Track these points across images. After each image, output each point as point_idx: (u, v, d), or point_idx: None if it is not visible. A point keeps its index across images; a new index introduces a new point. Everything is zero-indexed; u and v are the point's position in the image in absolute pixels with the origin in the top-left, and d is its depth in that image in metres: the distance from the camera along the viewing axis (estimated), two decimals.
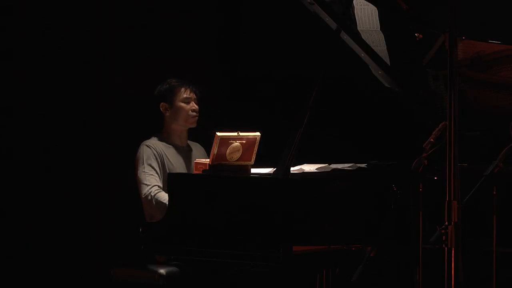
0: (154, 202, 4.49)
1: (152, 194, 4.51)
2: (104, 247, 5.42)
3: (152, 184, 4.55)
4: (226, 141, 3.89)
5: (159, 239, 3.92)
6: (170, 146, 4.75)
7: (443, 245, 2.78)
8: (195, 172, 4.08)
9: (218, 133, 3.88)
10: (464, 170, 3.00)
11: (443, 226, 2.77)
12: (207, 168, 3.93)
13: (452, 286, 2.76)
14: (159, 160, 4.65)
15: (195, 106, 4.75)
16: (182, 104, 4.74)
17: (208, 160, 3.95)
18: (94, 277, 5.35)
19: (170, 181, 4.02)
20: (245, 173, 3.95)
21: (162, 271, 4.47)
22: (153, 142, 4.72)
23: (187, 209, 3.86)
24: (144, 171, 4.60)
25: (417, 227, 3.65)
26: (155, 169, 4.62)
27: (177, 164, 4.71)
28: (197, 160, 4.14)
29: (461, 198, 2.77)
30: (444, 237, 2.77)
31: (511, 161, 3.53)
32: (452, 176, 2.75)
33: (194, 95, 4.77)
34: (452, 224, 2.76)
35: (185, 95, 4.75)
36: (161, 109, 4.76)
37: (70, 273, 5.42)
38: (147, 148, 4.67)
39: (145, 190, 4.55)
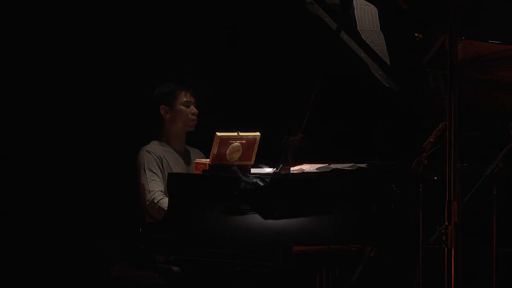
0: (156, 208, 4.50)
1: (155, 201, 4.53)
2: (104, 247, 5.42)
3: (155, 190, 4.57)
4: (226, 141, 3.89)
5: (159, 239, 3.91)
6: (169, 150, 4.77)
7: (443, 245, 2.78)
8: (195, 172, 4.08)
9: (218, 133, 3.88)
10: (464, 170, 2.99)
11: (443, 226, 2.77)
12: (207, 168, 3.93)
13: (452, 286, 2.76)
14: (159, 164, 4.67)
15: (195, 110, 4.79)
16: (183, 108, 4.77)
17: (208, 160, 3.95)
18: (94, 277, 5.35)
19: (170, 181, 4.01)
20: (245, 173, 3.95)
21: (162, 271, 4.46)
22: (153, 147, 4.74)
23: (187, 209, 3.86)
24: (146, 177, 4.63)
25: (417, 227, 3.65)
26: (156, 174, 4.64)
27: (176, 168, 4.72)
28: (197, 160, 4.14)
29: (461, 198, 2.77)
30: (444, 237, 2.77)
31: (511, 161, 3.53)
32: (452, 176, 2.75)
33: (193, 98, 4.81)
34: (452, 224, 2.76)
35: (185, 99, 4.78)
36: (161, 111, 4.78)
37: (70, 273, 5.42)
38: (147, 153, 4.70)
39: (148, 196, 4.58)
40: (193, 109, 4.79)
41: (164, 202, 4.48)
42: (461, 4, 2.86)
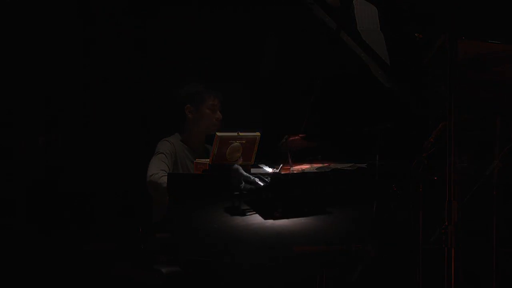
0: (159, 183, 4.45)
1: (159, 175, 4.49)
2: (104, 247, 5.42)
3: (163, 169, 4.54)
4: (226, 141, 3.89)
5: (159, 238, 3.92)
6: (188, 147, 4.76)
7: (443, 245, 2.78)
8: (195, 172, 4.08)
9: (218, 133, 3.88)
10: (464, 170, 3.00)
11: (443, 226, 2.78)
12: (207, 168, 3.93)
13: (452, 286, 2.76)
14: (173, 157, 4.67)
15: (219, 115, 4.75)
16: (208, 111, 4.74)
17: (208, 160, 3.95)
18: (94, 277, 5.35)
19: (170, 181, 4.02)
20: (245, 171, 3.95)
21: (162, 270, 4.47)
22: (174, 140, 4.74)
23: (187, 209, 3.86)
24: (158, 158, 4.61)
25: (417, 227, 3.65)
26: (168, 160, 4.63)
27: (191, 166, 4.71)
28: (197, 160, 4.14)
29: (461, 198, 2.78)
30: (444, 237, 2.77)
31: (511, 161, 3.53)
32: (452, 176, 2.75)
33: (219, 102, 4.76)
34: (452, 224, 2.76)
35: (211, 102, 4.74)
36: (186, 111, 4.75)
37: (71, 273, 5.42)
38: (168, 142, 4.71)
39: (154, 170, 4.53)
40: (218, 114, 4.75)
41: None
42: (461, 4, 2.87)
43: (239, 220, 3.75)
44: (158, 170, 4.53)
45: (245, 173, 3.77)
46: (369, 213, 3.85)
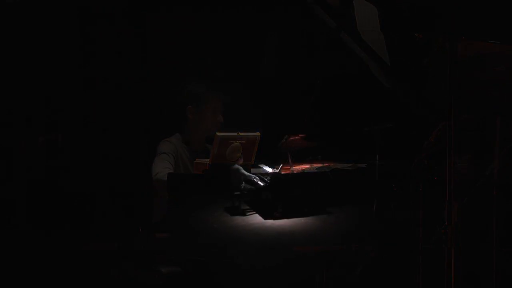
0: (165, 181, 4.43)
1: (164, 173, 4.46)
2: (104, 247, 5.42)
3: (167, 167, 4.52)
4: (226, 141, 3.89)
5: (159, 238, 3.92)
6: (188, 148, 4.74)
7: (443, 245, 2.78)
8: (195, 172, 4.08)
9: (218, 133, 3.88)
10: (464, 170, 3.00)
11: (443, 226, 2.78)
12: (207, 168, 3.93)
13: (452, 286, 2.76)
14: (175, 157, 4.65)
15: (221, 118, 4.69)
16: (210, 114, 4.69)
17: (208, 160, 3.95)
18: (94, 277, 5.35)
19: (170, 181, 4.02)
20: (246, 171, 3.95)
21: (162, 270, 4.47)
22: (175, 140, 4.72)
23: (187, 209, 3.87)
24: (161, 157, 4.58)
25: (417, 227, 3.65)
26: (171, 160, 4.61)
27: (192, 166, 4.70)
28: (197, 160, 4.14)
29: (461, 198, 2.78)
30: (444, 237, 2.78)
31: (511, 161, 3.53)
32: (452, 176, 2.75)
33: (221, 105, 4.72)
34: (452, 224, 2.76)
35: (213, 105, 4.69)
36: (187, 112, 4.71)
37: (71, 273, 5.42)
38: (169, 143, 4.68)
39: (158, 169, 4.50)
40: (219, 116, 4.70)
41: None
42: (461, 4, 2.87)
43: (239, 220, 3.75)
44: (162, 168, 4.52)
45: (245, 173, 3.78)
46: (369, 213, 3.85)
